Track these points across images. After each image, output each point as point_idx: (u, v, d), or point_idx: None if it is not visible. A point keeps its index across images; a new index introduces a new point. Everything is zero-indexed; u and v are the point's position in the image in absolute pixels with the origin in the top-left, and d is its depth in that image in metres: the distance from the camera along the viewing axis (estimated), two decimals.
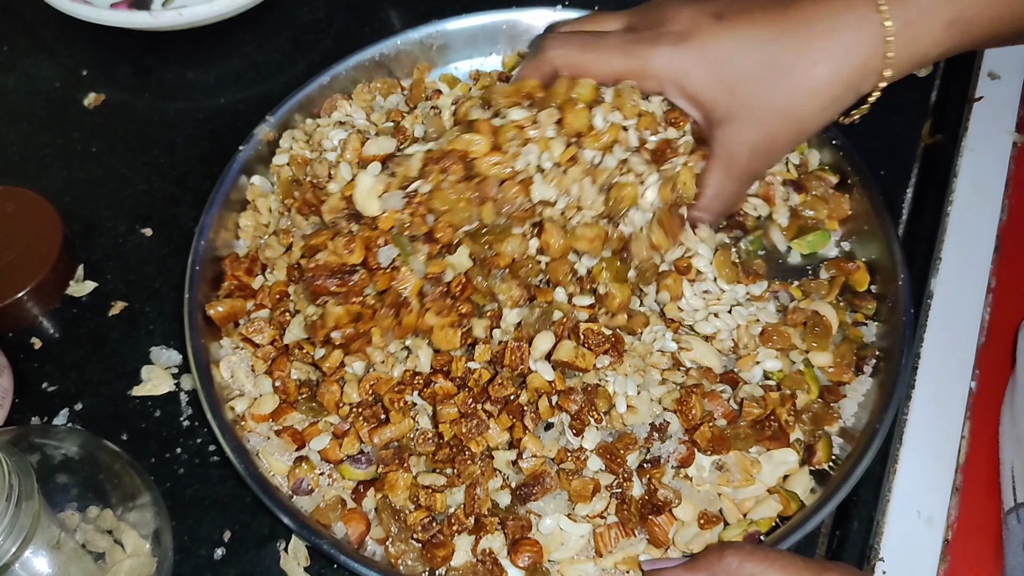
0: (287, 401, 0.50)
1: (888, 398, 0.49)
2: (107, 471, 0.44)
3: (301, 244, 0.52)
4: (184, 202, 0.62)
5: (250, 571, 0.48)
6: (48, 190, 0.59)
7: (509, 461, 0.47)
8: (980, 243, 0.59)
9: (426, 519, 0.46)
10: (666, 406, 0.49)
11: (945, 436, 0.52)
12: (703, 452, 0.47)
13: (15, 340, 0.56)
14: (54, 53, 0.71)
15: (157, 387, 0.54)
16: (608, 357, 0.49)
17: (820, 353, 0.51)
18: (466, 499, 0.46)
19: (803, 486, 0.48)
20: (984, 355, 0.55)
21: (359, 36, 0.70)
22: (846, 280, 0.54)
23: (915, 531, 0.49)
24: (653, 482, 0.47)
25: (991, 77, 0.66)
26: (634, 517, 0.46)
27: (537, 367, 0.48)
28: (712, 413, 0.48)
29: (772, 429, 0.48)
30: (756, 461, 0.48)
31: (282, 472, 0.49)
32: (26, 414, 0.53)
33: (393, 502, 0.47)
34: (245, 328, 0.52)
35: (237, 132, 0.60)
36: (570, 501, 0.47)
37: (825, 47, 0.43)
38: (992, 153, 0.63)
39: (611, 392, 0.48)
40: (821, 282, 0.54)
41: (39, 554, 0.39)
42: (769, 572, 0.40)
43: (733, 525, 0.47)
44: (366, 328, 0.48)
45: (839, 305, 0.53)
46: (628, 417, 0.48)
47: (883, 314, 0.53)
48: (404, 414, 0.48)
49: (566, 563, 0.46)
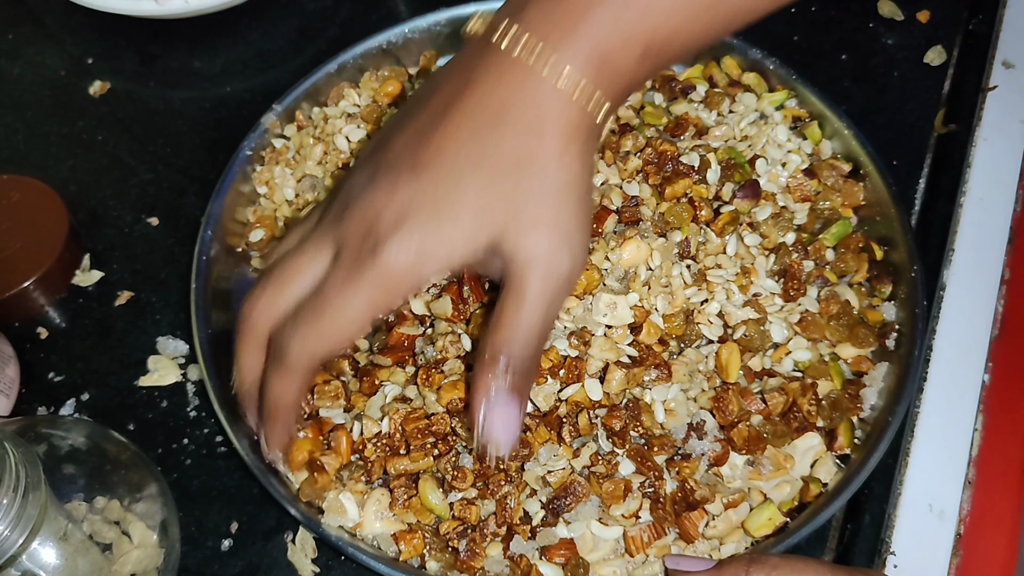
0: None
1: (900, 391, 0.48)
2: (114, 462, 0.44)
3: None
4: (190, 191, 0.62)
5: (257, 563, 0.48)
6: (53, 179, 0.59)
7: (539, 476, 0.46)
8: (994, 234, 0.58)
9: (459, 528, 0.45)
10: (702, 404, 0.48)
11: (958, 429, 0.52)
12: (738, 451, 0.47)
13: (21, 330, 0.56)
14: (59, 41, 0.71)
15: (164, 377, 0.54)
16: (656, 371, 0.48)
17: (846, 345, 0.50)
18: (497, 510, 0.45)
19: (828, 471, 0.47)
20: (997, 348, 0.55)
21: (366, 24, 0.69)
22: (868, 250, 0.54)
23: (927, 525, 0.49)
24: (687, 481, 0.46)
25: (1005, 66, 0.65)
26: (669, 515, 0.45)
27: (587, 384, 0.47)
28: (748, 411, 0.48)
29: (798, 420, 0.48)
30: (790, 456, 0.47)
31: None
32: (33, 404, 0.53)
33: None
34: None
35: (243, 121, 0.60)
36: (602, 504, 0.46)
37: (515, 110, 0.38)
38: (1006, 143, 0.62)
39: (649, 401, 0.48)
40: (850, 259, 0.53)
41: (46, 545, 0.38)
42: None
43: (757, 509, 0.46)
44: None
45: (860, 290, 0.53)
46: (668, 421, 0.47)
47: (897, 302, 0.52)
48: (427, 452, 0.46)
49: (598, 564, 0.45)
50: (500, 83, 0.38)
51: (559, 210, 0.39)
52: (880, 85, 0.65)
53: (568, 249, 0.39)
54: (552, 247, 0.39)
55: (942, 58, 0.66)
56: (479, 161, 0.38)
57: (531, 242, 0.38)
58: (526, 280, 0.38)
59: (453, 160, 0.38)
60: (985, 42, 0.67)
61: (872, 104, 0.64)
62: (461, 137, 0.39)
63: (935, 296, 0.56)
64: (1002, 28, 0.67)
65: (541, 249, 0.38)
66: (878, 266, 0.54)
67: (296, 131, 0.60)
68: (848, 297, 0.51)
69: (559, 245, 0.39)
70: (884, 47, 0.67)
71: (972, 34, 0.68)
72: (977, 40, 0.67)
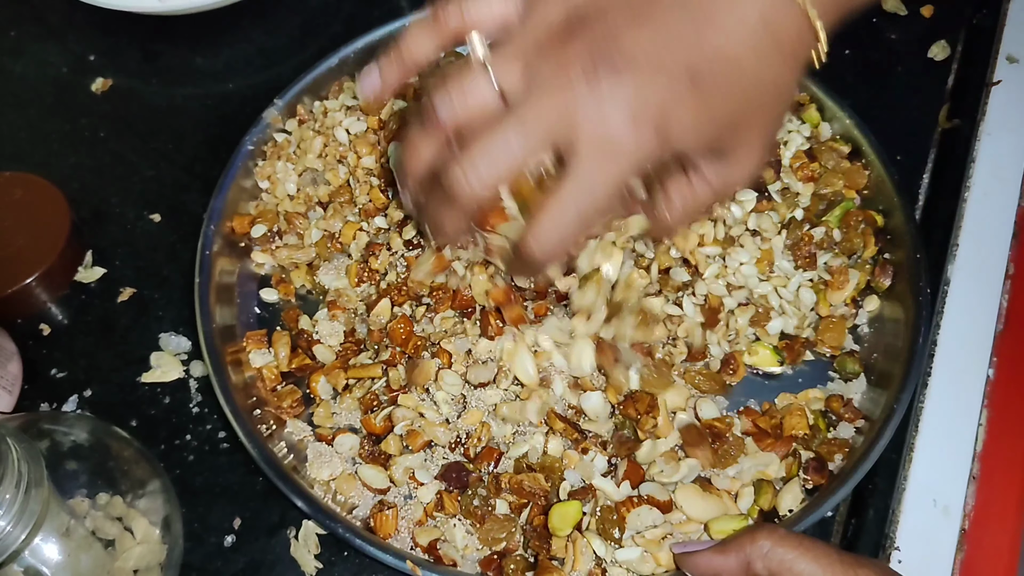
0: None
1: (904, 383, 0.48)
2: (117, 458, 0.44)
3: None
4: (192, 188, 0.62)
5: (260, 558, 0.48)
6: (56, 176, 0.59)
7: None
8: (998, 229, 0.58)
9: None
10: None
11: (962, 425, 0.52)
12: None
13: (24, 327, 0.56)
14: (62, 38, 0.71)
15: (166, 373, 0.54)
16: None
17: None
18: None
19: (794, 498, 0.47)
20: (1002, 342, 0.55)
21: (368, 20, 0.69)
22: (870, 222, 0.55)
23: (931, 520, 0.49)
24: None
25: (1009, 61, 0.65)
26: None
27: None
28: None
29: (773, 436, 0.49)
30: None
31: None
32: (35, 401, 0.53)
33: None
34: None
35: (246, 117, 0.60)
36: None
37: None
38: (1010, 138, 0.62)
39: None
40: (854, 237, 0.54)
41: (49, 541, 0.38)
42: (801, 560, 0.38)
43: (727, 517, 0.46)
44: None
45: (865, 266, 0.54)
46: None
47: (898, 294, 0.52)
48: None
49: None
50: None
51: (776, 132, 0.44)
52: (884, 80, 0.65)
53: (762, 161, 0.43)
54: (761, 161, 0.43)
55: (946, 53, 0.66)
56: (755, 91, 0.40)
57: (754, 155, 0.42)
58: (734, 168, 0.42)
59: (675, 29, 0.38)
60: (989, 37, 0.66)
61: (876, 99, 0.63)
62: (747, 68, 0.39)
63: (939, 291, 0.55)
64: (1006, 23, 0.67)
65: (756, 160, 0.42)
66: (880, 254, 0.54)
67: (297, 125, 0.60)
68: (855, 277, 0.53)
69: (764, 160, 0.43)
70: (888, 42, 0.67)
71: (976, 29, 0.68)
72: (981, 35, 0.67)
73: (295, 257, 0.55)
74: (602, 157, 0.38)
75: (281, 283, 0.55)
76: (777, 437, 0.48)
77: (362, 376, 0.50)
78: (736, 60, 0.38)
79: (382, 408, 0.49)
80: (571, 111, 0.38)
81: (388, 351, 0.50)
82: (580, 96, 0.38)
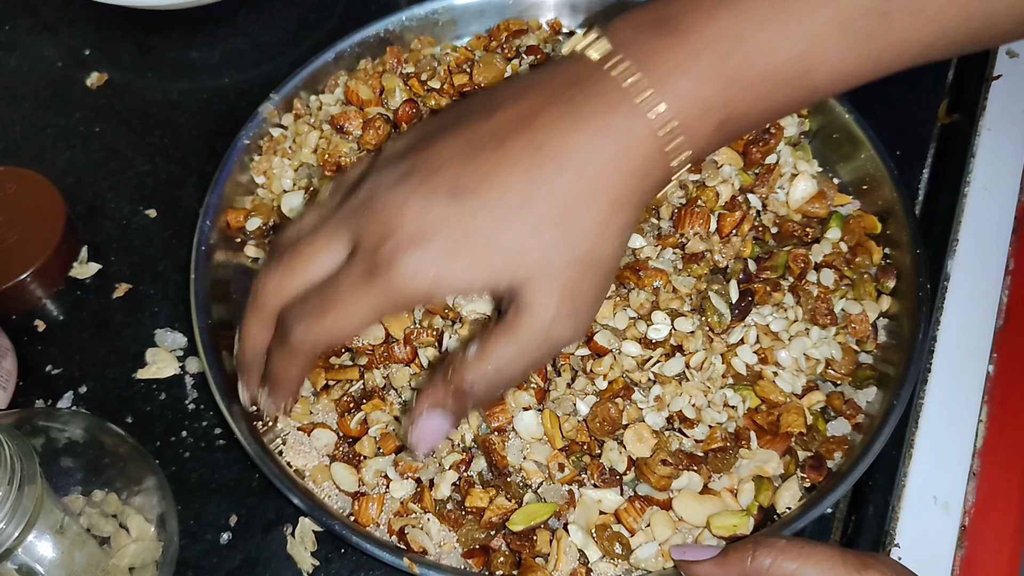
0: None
1: (903, 379, 0.48)
2: (112, 455, 0.44)
3: None
4: (188, 183, 0.61)
5: (256, 556, 0.48)
6: (50, 171, 0.59)
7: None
8: (998, 224, 0.58)
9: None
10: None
11: (962, 421, 0.51)
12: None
13: (18, 323, 0.56)
14: (56, 32, 0.71)
15: (162, 370, 0.53)
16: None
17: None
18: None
19: (792, 496, 0.47)
20: (1002, 338, 0.54)
21: (365, 14, 0.69)
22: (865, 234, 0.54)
23: (931, 517, 0.48)
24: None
25: (1010, 55, 0.65)
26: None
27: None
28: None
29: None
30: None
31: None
32: (30, 397, 0.53)
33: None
34: None
35: (241, 112, 0.59)
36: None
37: (581, 156, 0.36)
38: (1010, 133, 0.62)
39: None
40: (859, 250, 0.53)
41: (43, 538, 0.38)
42: (804, 569, 0.37)
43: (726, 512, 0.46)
44: None
45: (871, 288, 0.52)
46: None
47: (898, 290, 0.52)
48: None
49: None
50: (583, 105, 0.37)
51: (584, 280, 0.38)
52: None
53: (575, 321, 0.38)
54: (564, 312, 0.38)
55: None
56: (527, 204, 0.36)
57: (547, 299, 0.37)
58: (524, 330, 0.37)
59: (501, 194, 0.36)
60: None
61: (875, 94, 0.62)
62: (517, 170, 0.37)
63: (939, 285, 0.55)
64: None
65: (552, 310, 0.37)
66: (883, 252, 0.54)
67: (293, 120, 0.59)
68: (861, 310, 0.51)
69: (570, 314, 0.38)
70: None
71: None
72: None
73: None
74: (355, 259, 0.39)
75: None
76: (774, 434, 0.48)
77: (340, 378, 0.50)
78: (554, 198, 0.36)
79: (358, 411, 0.49)
80: (348, 217, 0.39)
81: (366, 357, 0.50)
82: (360, 209, 0.39)
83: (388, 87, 0.59)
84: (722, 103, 0.37)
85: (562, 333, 0.38)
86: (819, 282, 0.52)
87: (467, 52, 0.60)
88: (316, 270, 0.40)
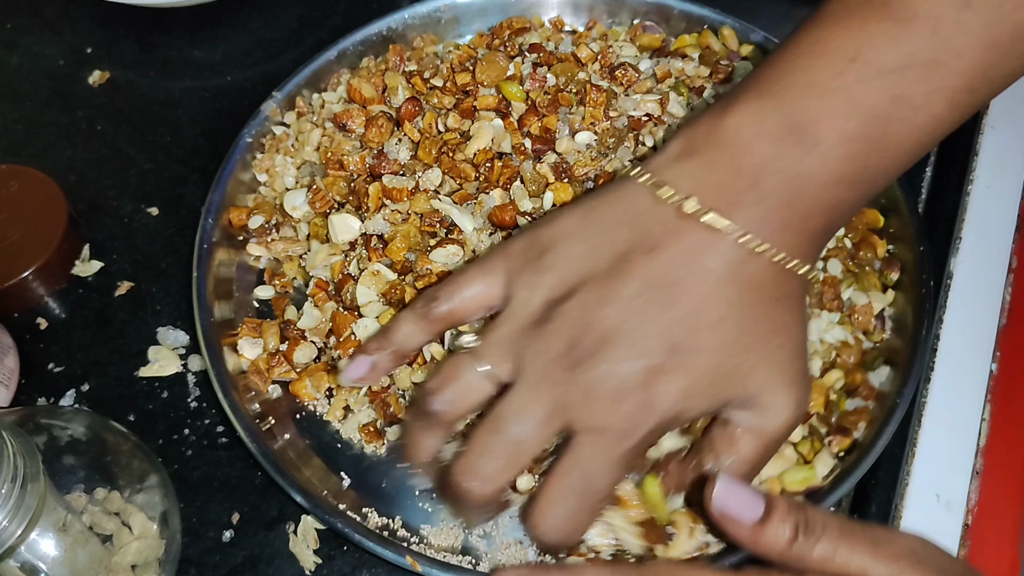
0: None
1: (906, 377, 0.48)
2: (114, 453, 0.44)
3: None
4: (190, 181, 0.61)
5: (259, 553, 0.48)
6: (52, 169, 0.59)
7: None
8: (1001, 222, 0.58)
9: None
10: None
11: (965, 419, 0.51)
12: None
13: (21, 321, 0.56)
14: (58, 30, 0.70)
15: (164, 368, 0.53)
16: None
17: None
18: None
19: (825, 467, 0.47)
20: (1005, 336, 0.54)
21: (367, 12, 0.68)
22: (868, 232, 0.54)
23: (934, 515, 0.48)
24: None
25: None
26: None
27: None
28: None
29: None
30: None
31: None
32: (32, 395, 0.53)
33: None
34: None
35: (244, 110, 0.59)
36: None
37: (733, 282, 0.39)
38: (1014, 131, 0.61)
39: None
40: (862, 245, 0.53)
41: (45, 536, 0.38)
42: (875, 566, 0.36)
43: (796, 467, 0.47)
44: None
45: (876, 281, 0.53)
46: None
47: (901, 287, 0.52)
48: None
49: None
50: (704, 258, 0.39)
51: (802, 368, 0.41)
52: None
53: (800, 399, 0.41)
54: (797, 399, 0.41)
55: None
56: (740, 337, 0.39)
57: (781, 396, 0.40)
58: (771, 430, 0.41)
59: (723, 338, 0.39)
60: None
61: None
62: (724, 318, 0.39)
63: (942, 283, 0.55)
64: None
65: (787, 400, 0.41)
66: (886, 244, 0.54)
67: (296, 118, 0.59)
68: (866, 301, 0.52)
69: (802, 397, 0.41)
70: None
71: None
72: None
73: (290, 250, 0.55)
74: (596, 440, 0.39)
75: (276, 276, 0.55)
76: None
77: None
78: (709, 316, 0.39)
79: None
80: (561, 403, 0.39)
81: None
82: (566, 387, 0.39)
83: (391, 85, 0.58)
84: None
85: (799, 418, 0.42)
86: (826, 270, 0.52)
87: (470, 50, 0.60)
88: (485, 391, 0.42)
